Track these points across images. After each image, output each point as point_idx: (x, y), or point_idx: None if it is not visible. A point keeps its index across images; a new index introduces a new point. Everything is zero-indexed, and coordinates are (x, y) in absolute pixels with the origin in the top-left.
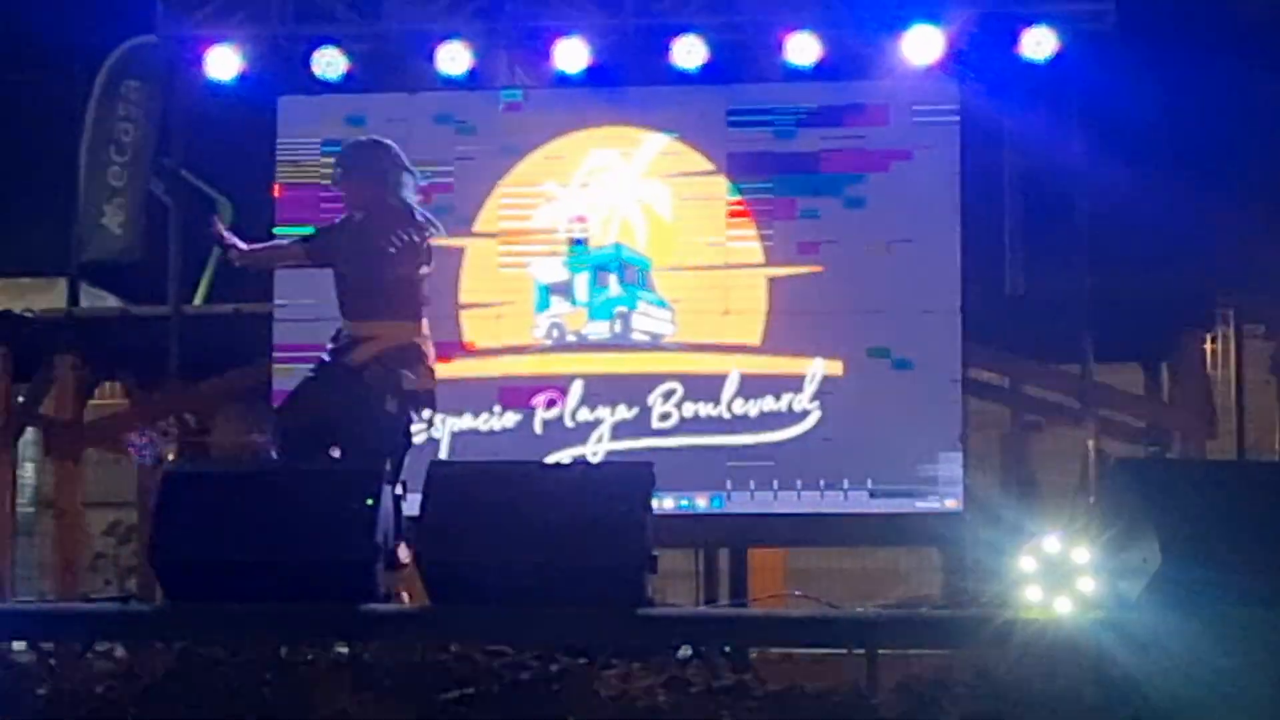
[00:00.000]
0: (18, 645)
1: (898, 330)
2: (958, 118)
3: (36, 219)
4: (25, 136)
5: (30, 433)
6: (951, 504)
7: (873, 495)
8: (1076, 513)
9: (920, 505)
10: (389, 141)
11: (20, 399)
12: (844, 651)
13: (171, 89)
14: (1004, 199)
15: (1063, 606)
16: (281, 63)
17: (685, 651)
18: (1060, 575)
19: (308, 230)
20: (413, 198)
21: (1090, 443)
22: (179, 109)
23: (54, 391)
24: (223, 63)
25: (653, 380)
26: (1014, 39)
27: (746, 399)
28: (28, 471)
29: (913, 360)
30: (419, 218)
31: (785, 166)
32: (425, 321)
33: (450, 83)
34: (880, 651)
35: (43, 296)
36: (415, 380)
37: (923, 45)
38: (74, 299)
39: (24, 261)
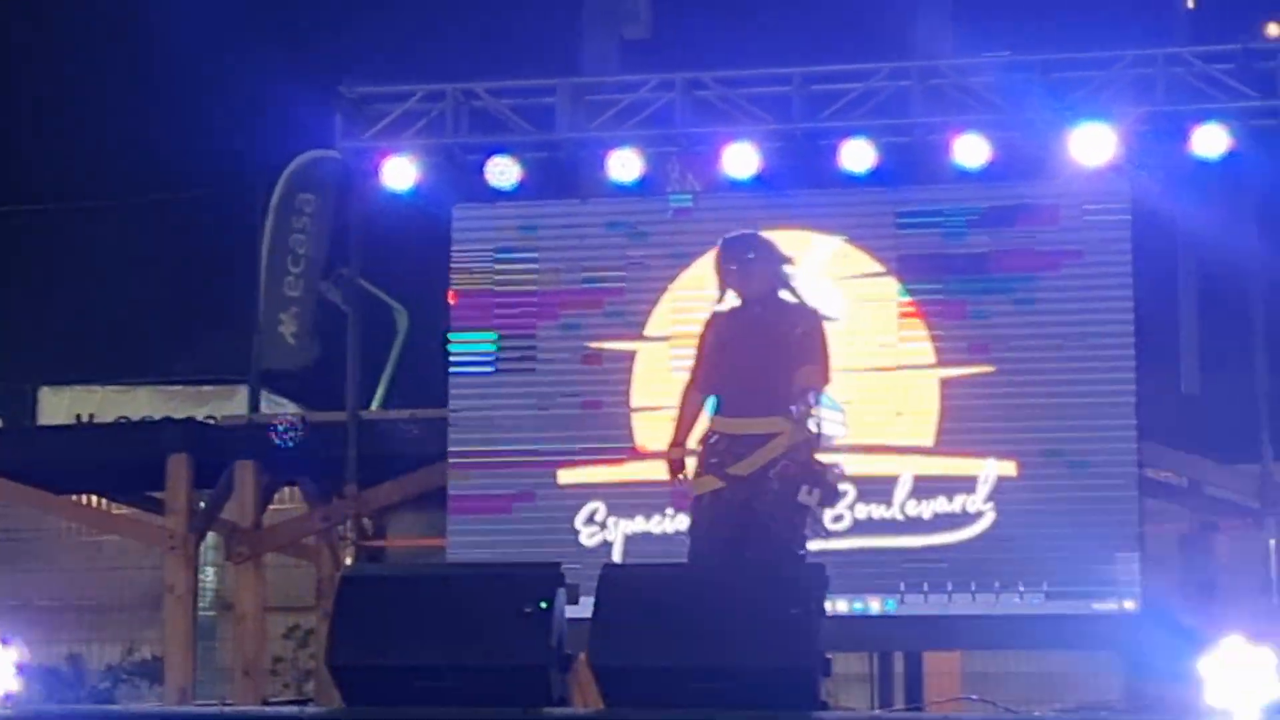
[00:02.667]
0: None
1: (1072, 430)
2: (1129, 216)
3: (217, 327)
4: (206, 247)
5: (210, 537)
6: (1129, 605)
7: (1049, 597)
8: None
9: (1097, 606)
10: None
11: (202, 504)
12: None
13: (346, 200)
14: (1178, 297)
15: (1247, 710)
16: (456, 172)
17: None
18: (1244, 678)
19: (490, 336)
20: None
21: (1271, 543)
22: (356, 219)
23: (235, 497)
24: (399, 173)
25: None
26: (1185, 136)
27: (920, 500)
28: (209, 575)
29: (1088, 460)
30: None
31: (956, 268)
32: None
33: (621, 189)
34: None
35: (224, 404)
36: (827, 468)
37: (1093, 144)
38: (254, 406)
39: (206, 369)
